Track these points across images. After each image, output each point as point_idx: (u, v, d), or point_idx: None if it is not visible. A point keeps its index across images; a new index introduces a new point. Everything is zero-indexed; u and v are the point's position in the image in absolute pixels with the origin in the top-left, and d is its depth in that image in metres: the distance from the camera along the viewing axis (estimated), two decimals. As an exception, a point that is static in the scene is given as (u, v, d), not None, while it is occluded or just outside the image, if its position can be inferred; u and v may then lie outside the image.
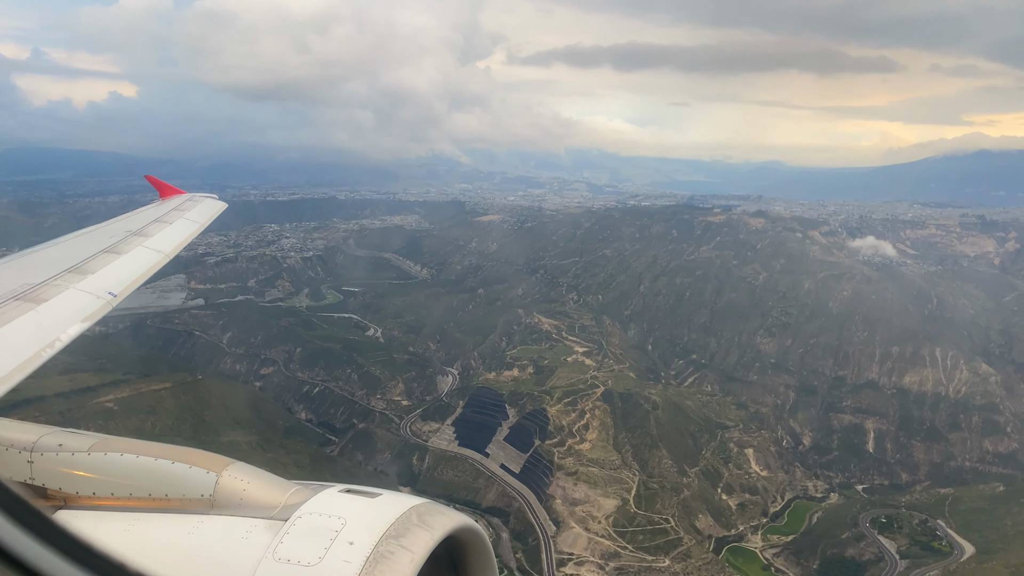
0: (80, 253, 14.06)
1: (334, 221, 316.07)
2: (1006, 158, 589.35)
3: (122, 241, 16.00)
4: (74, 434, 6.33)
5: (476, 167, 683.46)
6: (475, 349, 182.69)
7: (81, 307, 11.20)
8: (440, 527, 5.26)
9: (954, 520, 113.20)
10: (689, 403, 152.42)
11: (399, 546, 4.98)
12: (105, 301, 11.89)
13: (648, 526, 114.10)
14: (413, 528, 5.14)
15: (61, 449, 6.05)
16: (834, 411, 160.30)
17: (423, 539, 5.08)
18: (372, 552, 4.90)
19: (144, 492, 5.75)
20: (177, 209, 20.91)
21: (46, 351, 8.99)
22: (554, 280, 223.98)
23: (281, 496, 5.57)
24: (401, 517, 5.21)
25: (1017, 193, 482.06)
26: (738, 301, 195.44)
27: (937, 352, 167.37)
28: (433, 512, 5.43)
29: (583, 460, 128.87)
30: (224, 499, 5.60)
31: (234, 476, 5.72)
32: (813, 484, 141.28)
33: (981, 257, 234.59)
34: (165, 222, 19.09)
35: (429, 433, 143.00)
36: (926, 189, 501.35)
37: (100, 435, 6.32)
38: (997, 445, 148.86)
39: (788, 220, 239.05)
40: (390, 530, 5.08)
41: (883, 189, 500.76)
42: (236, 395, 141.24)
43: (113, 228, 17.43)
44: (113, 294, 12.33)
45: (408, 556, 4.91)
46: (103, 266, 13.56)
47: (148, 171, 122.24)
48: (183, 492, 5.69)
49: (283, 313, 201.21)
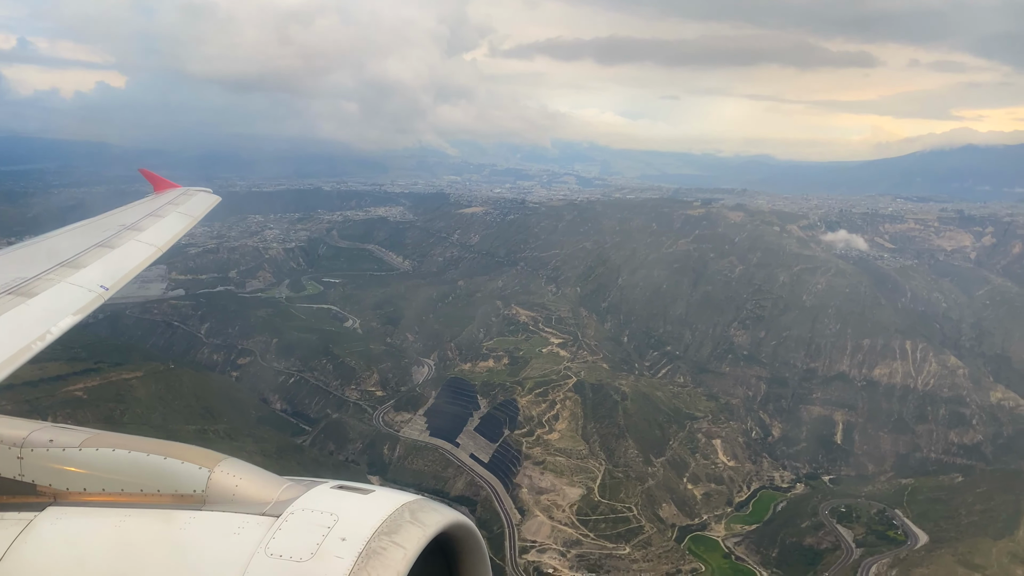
0: (74, 247, 14.32)
1: (319, 212, 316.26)
2: (992, 153, 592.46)
3: (116, 235, 16.31)
4: (65, 429, 6.28)
5: (466, 159, 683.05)
6: (452, 340, 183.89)
7: (72, 300, 11.38)
8: (433, 524, 5.24)
9: (911, 510, 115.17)
10: (659, 394, 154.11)
11: (392, 542, 4.97)
12: (97, 294, 12.13)
13: (611, 514, 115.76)
14: (406, 525, 5.13)
15: (52, 445, 6.00)
16: (804, 403, 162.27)
17: (416, 535, 5.06)
18: (364, 548, 4.89)
19: (136, 488, 5.73)
20: (171, 203, 21.36)
21: (36, 344, 9.25)
22: (534, 272, 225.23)
23: (273, 492, 5.56)
24: (394, 514, 5.19)
25: (1002, 188, 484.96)
26: (714, 294, 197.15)
27: (908, 345, 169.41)
28: (426, 509, 5.41)
29: (551, 450, 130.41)
30: (216, 495, 5.58)
31: (226, 472, 5.69)
32: (780, 474, 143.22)
33: (958, 251, 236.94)
34: (159, 216, 19.42)
35: (401, 423, 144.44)
36: (912, 183, 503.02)
37: (91, 430, 6.27)
38: (962, 437, 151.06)
39: (767, 214, 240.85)
40: (383, 526, 5.06)
41: (870, 183, 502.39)
42: (208, 384, 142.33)
43: (107, 222, 17.77)
44: (105, 287, 12.60)
45: (401, 552, 4.91)
46: (95, 260, 13.76)
47: (136, 162, 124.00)
48: (175, 488, 5.66)
49: (262, 304, 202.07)
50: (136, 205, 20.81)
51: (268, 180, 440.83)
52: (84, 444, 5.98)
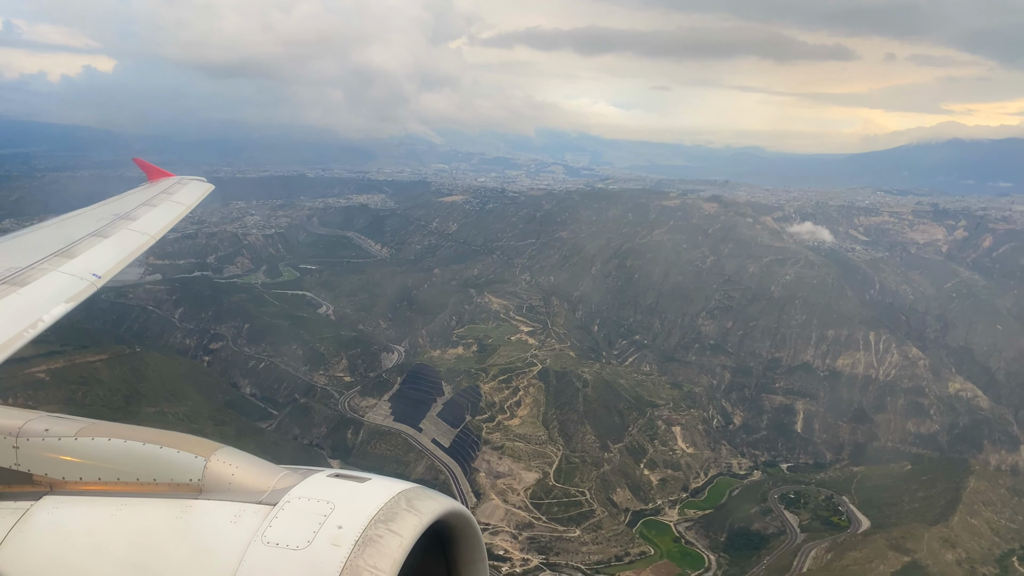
0: (68, 236, 14.46)
1: (301, 199, 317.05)
2: (977, 147, 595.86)
3: (110, 224, 16.43)
4: (61, 419, 6.30)
5: (455, 148, 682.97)
6: (424, 327, 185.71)
7: (65, 289, 11.53)
8: (429, 511, 5.28)
9: (857, 496, 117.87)
10: (623, 382, 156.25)
11: (388, 530, 5.00)
12: (89, 282, 12.27)
13: (564, 498, 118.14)
14: (402, 512, 5.16)
15: (47, 434, 6.02)
16: (767, 392, 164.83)
17: (412, 523, 5.10)
18: (361, 536, 4.93)
19: (132, 477, 5.74)
20: (165, 192, 21.47)
21: (28, 331, 9.41)
22: (510, 261, 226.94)
23: (270, 480, 5.59)
24: (390, 502, 5.23)
25: (986, 182, 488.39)
26: (684, 284, 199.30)
27: (871, 336, 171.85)
28: (422, 497, 5.44)
29: (510, 435, 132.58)
30: (212, 483, 5.59)
31: (222, 460, 5.72)
32: (738, 462, 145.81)
33: (930, 244, 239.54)
34: (152, 205, 19.54)
35: (366, 408, 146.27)
36: (898, 176, 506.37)
37: (87, 420, 6.28)
38: (919, 426, 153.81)
39: (741, 205, 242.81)
40: (379, 514, 5.10)
41: (856, 176, 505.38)
42: (175, 368, 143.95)
43: (101, 211, 17.90)
44: (97, 275, 12.72)
45: (397, 540, 4.94)
46: (88, 249, 13.92)
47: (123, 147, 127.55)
48: (171, 477, 5.68)
49: (237, 290, 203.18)
50: (130, 194, 21.03)
51: (255, 167, 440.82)
52: (80, 433, 6.01)
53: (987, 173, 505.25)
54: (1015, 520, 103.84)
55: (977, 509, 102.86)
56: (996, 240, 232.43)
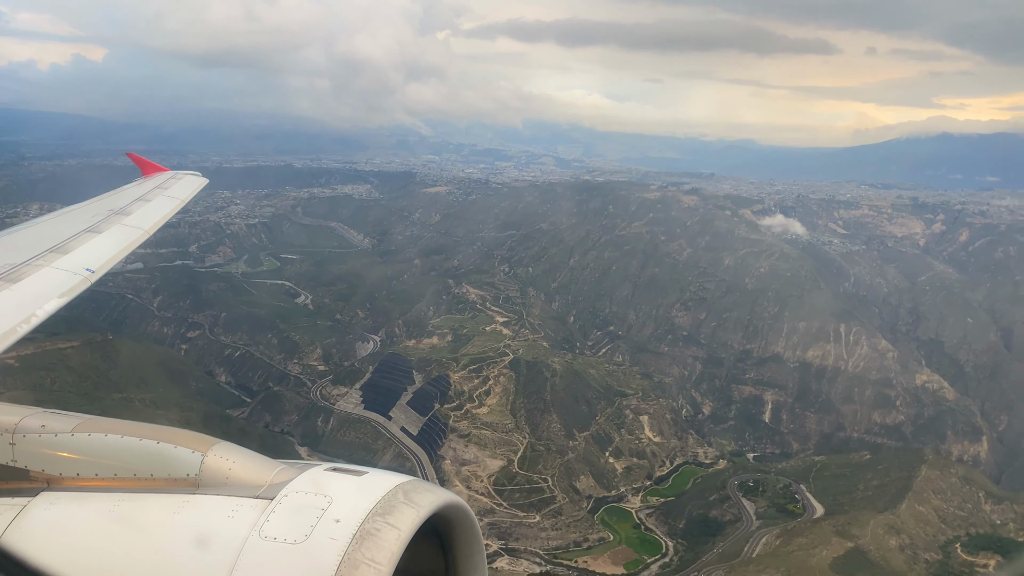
0: (62, 233, 14.55)
1: (287, 189, 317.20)
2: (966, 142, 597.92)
3: (104, 220, 16.53)
4: (57, 415, 6.28)
5: (446, 139, 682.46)
6: (401, 317, 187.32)
7: (58, 284, 11.64)
8: (426, 504, 5.29)
9: (815, 485, 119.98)
10: (593, 372, 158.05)
11: (386, 523, 5.01)
12: (83, 277, 12.34)
13: (527, 485, 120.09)
14: (399, 505, 5.17)
15: (44, 430, 6.01)
16: (737, 382, 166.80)
17: (409, 516, 5.11)
18: (359, 529, 4.95)
19: (129, 472, 5.74)
20: (159, 187, 21.56)
21: (22, 327, 9.46)
22: (489, 252, 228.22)
23: (267, 475, 5.60)
24: (387, 495, 5.25)
25: (974, 176, 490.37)
26: (660, 276, 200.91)
27: (842, 328, 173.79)
28: (419, 489, 5.45)
29: (478, 423, 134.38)
30: (210, 478, 5.60)
31: (220, 455, 5.73)
32: (704, 451, 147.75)
33: (907, 238, 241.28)
34: (146, 200, 19.61)
35: (337, 397, 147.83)
36: (887, 171, 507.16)
37: (84, 415, 6.29)
38: (885, 417, 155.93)
39: (720, 198, 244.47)
40: (376, 508, 5.12)
41: (846, 169, 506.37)
42: (147, 356, 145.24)
43: (96, 207, 18.01)
44: (91, 270, 12.76)
45: (395, 533, 4.96)
46: (82, 244, 14.03)
47: (112, 135, 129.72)
48: (168, 472, 5.69)
49: (216, 279, 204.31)
50: (125, 189, 21.12)
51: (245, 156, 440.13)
52: (76, 429, 6.00)
53: (975, 168, 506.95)
54: (963, 508, 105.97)
55: (926, 497, 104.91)
56: (973, 234, 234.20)
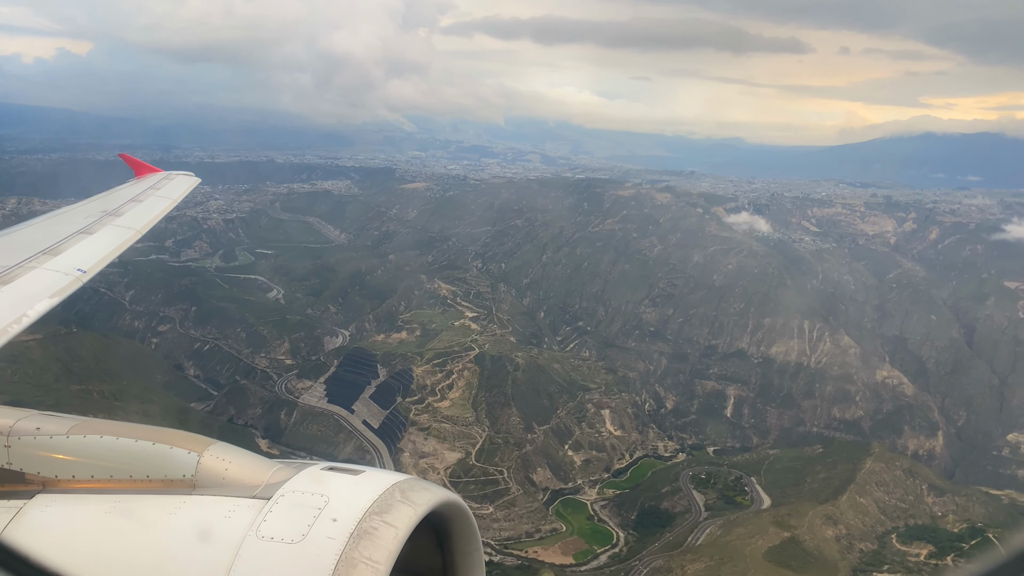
0: (56, 234, 14.73)
1: (267, 184, 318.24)
2: (948, 141, 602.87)
3: (97, 221, 16.69)
4: (52, 417, 6.31)
5: (434, 135, 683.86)
6: (371, 312, 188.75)
7: (49, 284, 11.79)
8: (423, 503, 5.30)
9: (765, 477, 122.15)
10: (557, 366, 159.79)
11: (383, 522, 5.02)
12: (74, 277, 12.54)
13: (482, 477, 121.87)
14: (396, 504, 5.17)
15: (39, 433, 6.01)
16: (700, 377, 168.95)
17: (406, 515, 5.11)
18: (356, 528, 4.95)
19: (125, 474, 5.74)
20: (152, 187, 21.95)
21: (12, 327, 9.60)
22: (464, 248, 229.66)
23: (263, 475, 5.61)
24: (384, 493, 5.25)
25: (956, 176, 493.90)
26: (630, 272, 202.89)
27: (806, 324, 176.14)
28: (416, 488, 5.46)
29: (438, 417, 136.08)
30: (206, 479, 5.60)
31: (216, 456, 5.74)
32: (664, 444, 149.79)
33: (879, 236, 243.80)
34: (139, 200, 19.85)
35: (302, 390, 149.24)
36: (871, 169, 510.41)
37: (79, 417, 6.31)
38: (844, 412, 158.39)
39: (694, 196, 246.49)
40: (373, 506, 5.12)
41: (829, 168, 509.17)
42: (113, 349, 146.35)
43: (89, 208, 18.21)
44: (82, 270, 12.96)
45: (392, 532, 4.97)
46: (74, 245, 14.21)
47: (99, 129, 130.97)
48: (164, 473, 5.68)
49: (189, 273, 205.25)
50: (118, 190, 21.40)
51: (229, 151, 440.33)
52: (71, 431, 6.01)
53: (958, 167, 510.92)
54: (905, 500, 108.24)
55: (868, 489, 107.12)
56: (942, 232, 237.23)
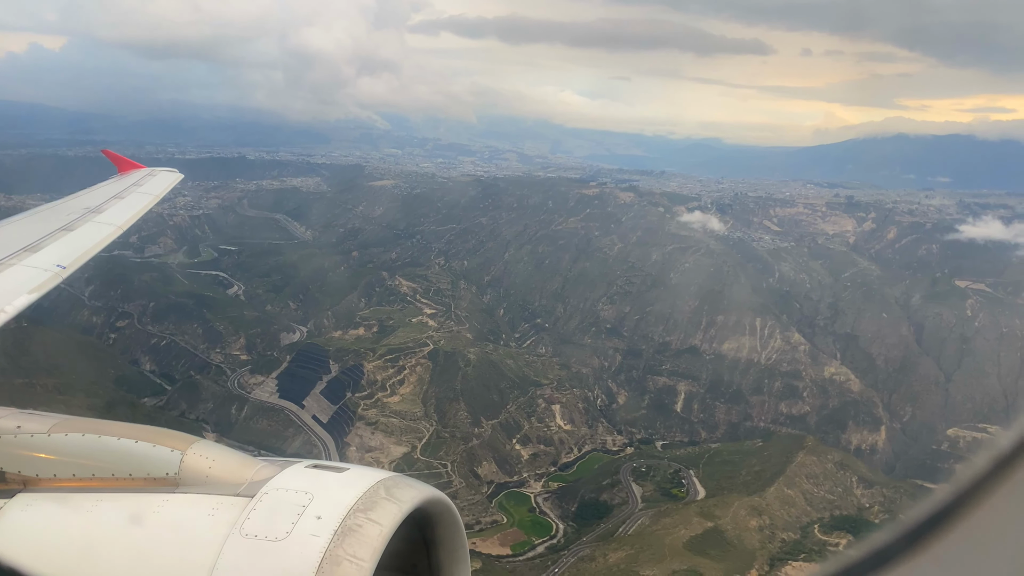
0: (37, 232, 14.83)
1: (236, 181, 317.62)
2: (919, 143, 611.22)
3: (79, 218, 16.73)
4: (32, 415, 6.30)
5: (412, 133, 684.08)
6: (331, 308, 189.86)
7: (28, 280, 11.98)
8: (408, 500, 5.33)
9: (703, 470, 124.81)
10: (510, 362, 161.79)
11: (367, 519, 5.01)
12: (53, 273, 12.73)
13: (425, 470, 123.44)
14: (381, 501, 5.17)
15: (19, 431, 5.97)
16: (653, 373, 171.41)
17: (391, 512, 5.12)
18: (340, 526, 4.95)
19: (107, 472, 5.71)
20: (135, 184, 21.88)
21: None
22: (428, 245, 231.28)
23: (247, 473, 5.61)
24: (369, 491, 5.26)
25: (926, 176, 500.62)
26: (590, 270, 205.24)
27: (757, 321, 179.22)
28: (401, 485, 5.48)
29: (386, 412, 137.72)
30: (189, 477, 5.60)
31: (199, 454, 5.74)
32: (613, 439, 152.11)
33: (838, 235, 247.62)
34: (121, 197, 19.89)
35: (254, 385, 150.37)
36: (844, 169, 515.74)
37: (60, 416, 6.28)
38: (791, 408, 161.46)
39: (657, 195, 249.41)
40: (358, 504, 5.12)
41: (803, 168, 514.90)
42: (64, 343, 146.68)
43: (71, 205, 18.30)
44: (62, 266, 13.14)
45: (377, 529, 4.97)
46: (54, 242, 14.34)
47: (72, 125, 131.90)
48: (147, 471, 5.67)
49: (150, 269, 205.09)
50: (101, 187, 21.37)
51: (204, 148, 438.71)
52: (52, 430, 5.98)
53: (928, 168, 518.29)
54: (833, 492, 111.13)
55: (797, 481, 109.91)
56: (900, 232, 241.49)
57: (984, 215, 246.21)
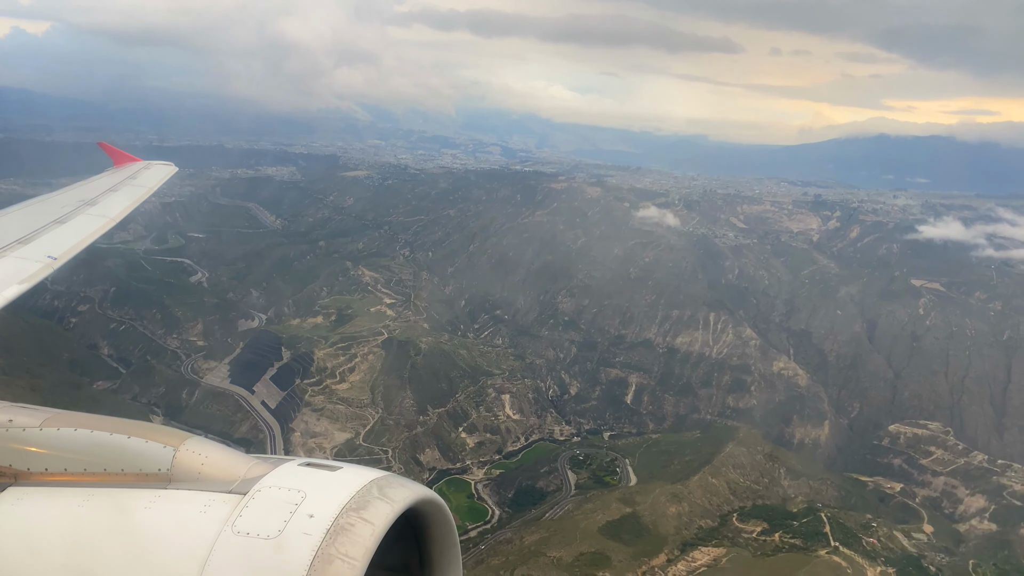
0: (31, 224, 15.00)
1: (212, 169, 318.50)
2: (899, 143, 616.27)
3: (74, 210, 16.92)
4: (25, 409, 6.26)
5: (396, 125, 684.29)
6: (292, 297, 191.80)
7: (19, 271, 11.98)
8: (401, 499, 5.31)
9: (639, 460, 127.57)
10: (463, 352, 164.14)
11: (360, 518, 5.02)
12: (44, 264, 12.71)
13: (366, 456, 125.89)
14: (374, 500, 5.18)
15: (11, 425, 5.98)
16: (606, 365, 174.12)
17: (383, 511, 5.12)
18: (332, 525, 4.96)
19: (99, 467, 5.70)
20: (129, 176, 22.23)
21: None
22: (395, 236, 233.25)
23: (240, 470, 5.59)
24: (362, 490, 5.25)
25: (905, 177, 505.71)
26: (553, 263, 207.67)
27: (711, 316, 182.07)
28: (394, 484, 5.45)
29: (334, 399, 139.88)
30: (182, 473, 5.58)
31: (192, 450, 5.72)
32: (560, 429, 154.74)
33: (802, 233, 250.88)
34: (115, 190, 20.17)
35: (207, 371, 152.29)
36: (824, 169, 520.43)
37: (52, 410, 6.26)
38: (738, 401, 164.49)
39: (623, 190, 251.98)
40: (350, 503, 5.11)
41: (784, 167, 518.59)
42: (16, 325, 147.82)
43: (67, 198, 18.44)
44: (53, 257, 13.12)
45: (369, 528, 4.98)
46: (47, 233, 14.55)
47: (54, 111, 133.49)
48: (139, 467, 5.64)
49: (115, 255, 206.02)
50: (96, 180, 21.63)
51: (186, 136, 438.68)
52: (44, 424, 5.97)
53: (907, 169, 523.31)
54: (759, 482, 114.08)
55: (723, 471, 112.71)
56: (863, 231, 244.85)
57: (945, 216, 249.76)
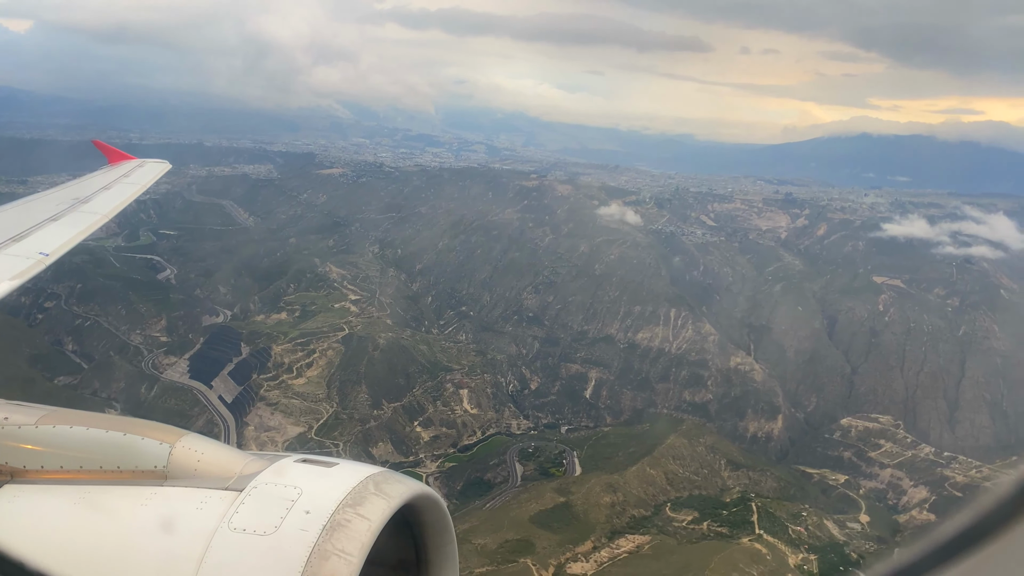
0: (25, 222, 15.09)
1: (190, 167, 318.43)
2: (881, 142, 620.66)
3: (68, 208, 17.02)
4: (20, 406, 6.31)
5: (382, 123, 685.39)
6: (259, 293, 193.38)
7: (11, 267, 12.11)
8: (397, 495, 5.35)
9: (586, 452, 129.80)
10: (423, 348, 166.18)
11: (356, 514, 5.05)
12: (36, 260, 12.85)
13: (317, 449, 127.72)
14: (370, 496, 5.20)
15: (7, 423, 6.00)
16: (567, 361, 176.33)
17: (380, 507, 5.15)
18: (329, 521, 4.99)
19: (95, 464, 5.71)
20: (123, 175, 22.36)
21: None
22: (365, 233, 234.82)
23: (236, 466, 5.64)
24: (358, 486, 5.28)
25: (885, 175, 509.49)
26: (520, 260, 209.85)
27: (672, 312, 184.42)
28: (390, 480, 5.51)
29: (289, 393, 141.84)
30: (178, 470, 5.62)
31: (188, 447, 5.76)
32: (518, 423, 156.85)
33: (771, 231, 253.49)
34: (108, 188, 20.37)
35: (167, 366, 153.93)
36: (807, 167, 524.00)
37: (48, 407, 6.27)
38: (694, 396, 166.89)
39: (594, 188, 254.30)
40: (347, 499, 5.15)
41: (768, 166, 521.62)
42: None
43: (61, 195, 18.59)
44: (45, 253, 13.23)
45: (365, 524, 5.01)
46: (39, 230, 14.62)
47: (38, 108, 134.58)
48: (136, 464, 5.67)
49: (83, 251, 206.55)
50: (91, 178, 21.86)
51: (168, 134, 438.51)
52: (40, 421, 6.01)
53: (889, 167, 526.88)
54: (699, 473, 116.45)
55: (663, 462, 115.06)
56: (830, 229, 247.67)
57: (912, 214, 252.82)
